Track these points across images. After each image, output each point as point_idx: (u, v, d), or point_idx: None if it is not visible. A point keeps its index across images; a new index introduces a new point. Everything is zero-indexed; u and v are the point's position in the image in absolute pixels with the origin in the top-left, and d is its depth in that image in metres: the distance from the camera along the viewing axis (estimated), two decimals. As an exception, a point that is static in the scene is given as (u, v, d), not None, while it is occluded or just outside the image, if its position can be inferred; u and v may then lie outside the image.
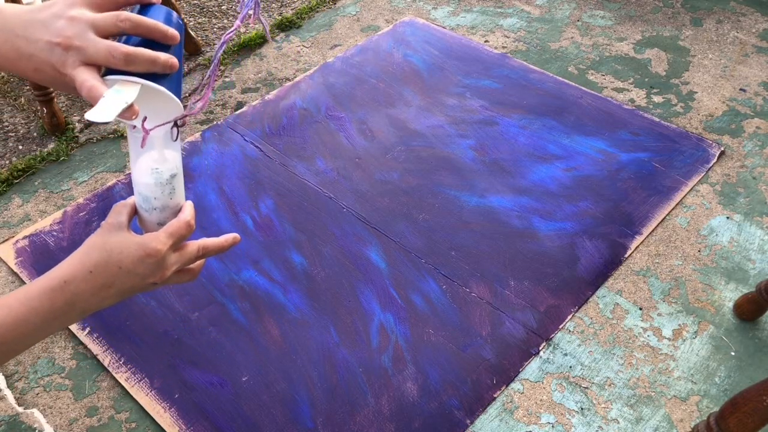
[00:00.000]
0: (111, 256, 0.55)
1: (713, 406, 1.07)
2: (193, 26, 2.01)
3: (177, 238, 0.59)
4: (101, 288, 0.55)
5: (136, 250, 0.56)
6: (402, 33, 1.92)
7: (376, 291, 1.24)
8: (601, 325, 1.19)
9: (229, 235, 0.65)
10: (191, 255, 0.61)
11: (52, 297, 0.54)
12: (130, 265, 0.56)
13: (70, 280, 0.54)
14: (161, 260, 0.57)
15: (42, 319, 0.54)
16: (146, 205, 0.61)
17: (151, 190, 0.60)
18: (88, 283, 0.55)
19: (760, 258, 1.30)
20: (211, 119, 1.67)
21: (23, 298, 0.54)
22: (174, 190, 0.61)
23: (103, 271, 0.55)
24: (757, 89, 1.69)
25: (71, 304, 0.54)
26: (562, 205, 1.40)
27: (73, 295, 0.54)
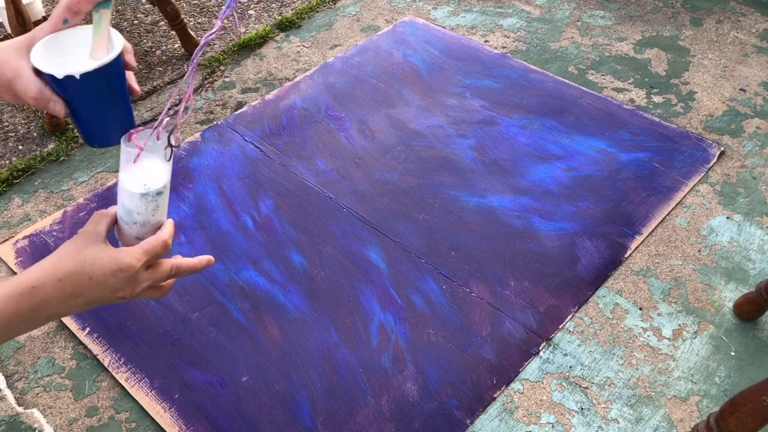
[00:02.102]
0: (84, 267, 0.55)
1: (713, 406, 1.07)
2: (193, 26, 2.01)
3: (152, 255, 0.59)
4: (69, 297, 0.55)
5: (109, 263, 0.56)
6: (402, 33, 1.92)
7: (376, 291, 1.24)
8: (601, 325, 1.19)
9: (204, 257, 0.64)
10: (163, 273, 0.61)
11: (19, 301, 0.53)
12: (101, 277, 0.55)
13: (39, 286, 0.54)
14: (133, 276, 0.57)
15: (6, 322, 0.53)
16: (127, 218, 0.61)
17: (135, 205, 0.60)
18: (56, 290, 0.54)
19: (760, 258, 1.30)
20: (211, 119, 1.67)
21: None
22: (158, 208, 0.61)
23: (73, 280, 0.55)
24: (757, 89, 1.69)
25: (37, 310, 0.54)
26: (562, 205, 1.40)
27: (40, 300, 0.54)
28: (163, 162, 0.60)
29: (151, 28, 2.03)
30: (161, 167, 0.60)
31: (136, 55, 1.92)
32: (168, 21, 1.82)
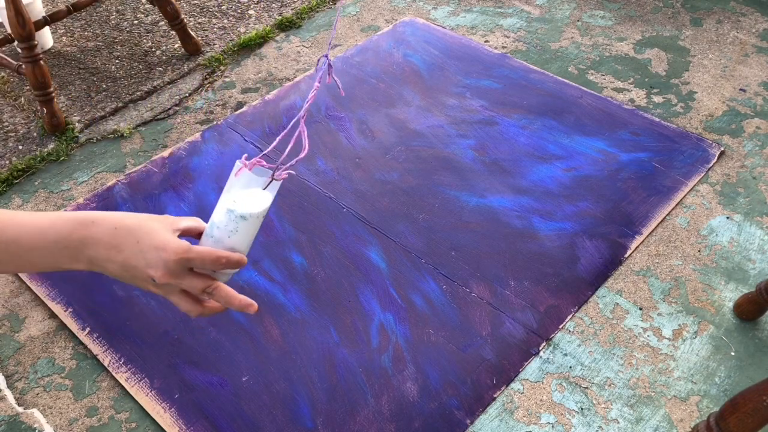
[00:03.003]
0: (139, 230, 0.58)
1: (713, 406, 1.07)
2: (193, 26, 2.01)
3: (198, 258, 0.58)
4: (113, 247, 0.57)
5: (158, 239, 0.58)
6: (402, 33, 1.92)
7: (376, 291, 1.24)
8: (601, 325, 1.19)
9: (247, 298, 0.62)
10: (198, 282, 0.59)
11: (74, 226, 0.56)
12: (146, 246, 0.57)
13: (97, 222, 0.57)
14: (171, 261, 0.57)
15: (56, 239, 0.56)
16: (209, 230, 0.62)
17: (217, 218, 0.61)
18: (107, 235, 0.57)
19: (760, 258, 1.30)
20: (211, 119, 1.67)
21: (52, 215, 0.57)
22: (236, 232, 0.61)
23: (125, 234, 0.57)
24: (757, 89, 1.69)
25: (84, 244, 0.57)
26: (562, 205, 1.40)
27: (91, 236, 0.57)
28: (263, 195, 0.61)
29: (151, 28, 2.03)
30: (259, 198, 0.61)
31: (136, 55, 1.92)
32: (168, 21, 1.82)
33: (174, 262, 0.57)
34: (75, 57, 1.92)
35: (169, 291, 0.60)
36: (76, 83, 1.81)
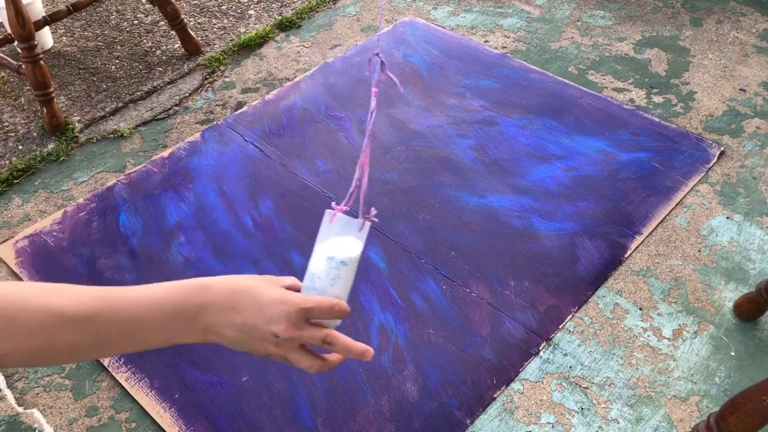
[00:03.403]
0: (253, 288, 0.57)
1: (713, 406, 1.07)
2: (193, 26, 2.01)
3: (316, 308, 0.58)
4: (231, 309, 0.55)
5: (277, 294, 0.57)
6: (402, 33, 1.92)
7: (376, 291, 1.24)
8: (601, 325, 1.19)
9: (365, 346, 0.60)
10: (318, 333, 0.58)
11: (191, 293, 0.55)
12: (265, 302, 0.56)
13: (211, 286, 0.55)
14: (293, 312, 0.56)
15: (172, 308, 0.54)
16: (308, 282, 0.61)
17: (318, 268, 0.60)
18: (224, 297, 0.55)
19: (760, 258, 1.30)
20: (211, 119, 1.67)
21: (164, 286, 0.55)
22: (338, 279, 0.61)
23: (241, 295, 0.56)
24: (757, 89, 1.69)
25: (202, 309, 0.55)
26: (562, 205, 1.40)
27: (208, 301, 0.55)
28: (357, 240, 0.62)
29: (151, 28, 2.03)
30: (353, 243, 0.61)
31: (136, 55, 1.92)
32: (168, 21, 1.82)
33: (295, 314, 0.56)
34: (75, 57, 1.92)
35: (289, 348, 0.58)
36: (76, 83, 1.81)
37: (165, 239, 1.35)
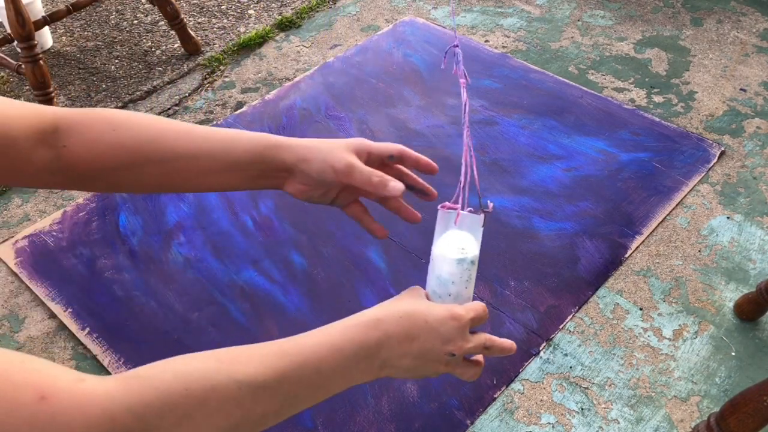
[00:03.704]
0: (419, 308, 0.56)
1: (713, 407, 1.07)
2: (192, 26, 2.01)
3: (475, 315, 0.58)
4: (406, 338, 0.55)
5: (442, 310, 0.57)
6: (402, 33, 1.92)
7: (376, 291, 1.24)
8: (601, 325, 1.19)
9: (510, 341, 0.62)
10: (480, 341, 0.59)
11: (366, 331, 0.54)
12: (435, 322, 0.56)
13: (383, 318, 0.55)
14: (463, 326, 0.57)
15: (355, 350, 0.53)
16: (441, 290, 0.60)
17: (451, 272, 0.60)
18: (398, 326, 0.55)
19: (761, 258, 1.30)
20: (211, 119, 1.67)
21: (338, 327, 0.54)
22: (470, 280, 0.60)
23: (411, 319, 0.56)
24: (757, 89, 1.69)
25: (380, 345, 0.55)
26: (562, 205, 1.40)
27: (384, 334, 0.54)
28: (474, 233, 0.61)
29: (151, 28, 2.03)
30: (472, 238, 0.61)
31: (136, 54, 1.92)
32: (168, 21, 1.82)
33: (465, 325, 0.57)
34: (75, 57, 1.91)
35: (457, 363, 0.59)
36: (76, 83, 1.81)
37: (165, 239, 1.35)
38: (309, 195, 0.66)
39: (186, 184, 0.64)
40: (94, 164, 0.62)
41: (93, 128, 0.62)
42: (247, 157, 0.63)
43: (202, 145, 0.63)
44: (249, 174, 0.64)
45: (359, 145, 0.66)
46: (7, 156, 0.59)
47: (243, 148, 0.63)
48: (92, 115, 0.62)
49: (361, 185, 0.63)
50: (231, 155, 0.63)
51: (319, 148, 0.64)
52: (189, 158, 0.62)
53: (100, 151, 0.61)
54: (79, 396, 0.42)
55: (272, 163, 0.64)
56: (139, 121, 0.63)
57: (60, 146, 0.61)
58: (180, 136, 0.62)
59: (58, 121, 0.62)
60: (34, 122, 0.60)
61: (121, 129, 0.62)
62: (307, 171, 0.64)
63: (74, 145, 0.61)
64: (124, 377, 0.45)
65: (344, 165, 0.62)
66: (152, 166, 0.62)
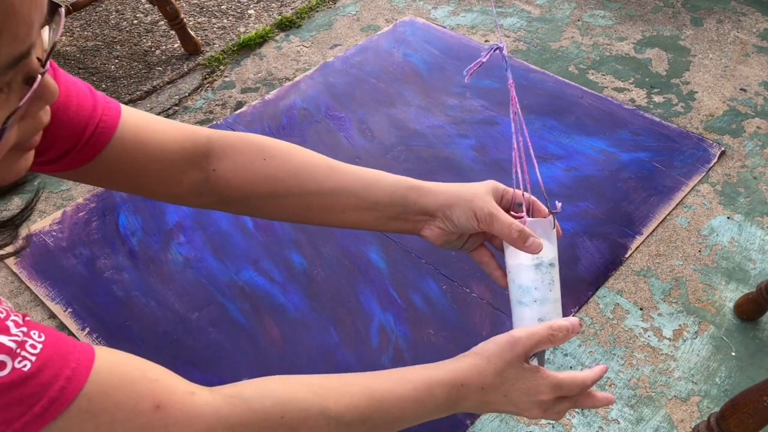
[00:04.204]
0: (503, 384, 0.58)
1: (714, 407, 1.07)
2: (192, 26, 2.01)
3: (565, 391, 0.59)
4: (482, 404, 0.59)
5: (526, 388, 0.58)
6: (402, 33, 1.92)
7: (376, 291, 1.24)
8: (601, 325, 1.19)
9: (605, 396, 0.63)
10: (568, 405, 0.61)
11: (449, 392, 0.57)
12: (515, 397, 0.58)
13: (466, 385, 0.58)
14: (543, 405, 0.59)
15: (434, 407, 0.57)
16: (525, 298, 0.61)
17: (530, 279, 0.60)
18: (476, 396, 0.58)
19: (761, 258, 1.30)
20: (211, 119, 1.67)
21: (427, 381, 0.57)
22: (553, 282, 0.60)
23: (491, 393, 0.58)
24: (757, 89, 1.69)
25: (456, 404, 0.58)
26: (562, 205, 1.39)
27: (462, 398, 0.58)
28: (547, 234, 0.61)
29: (151, 28, 2.03)
30: (545, 241, 0.61)
31: (136, 54, 1.92)
32: (168, 20, 1.82)
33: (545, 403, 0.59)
34: (74, 57, 1.91)
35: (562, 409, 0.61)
36: (76, 83, 1.81)
37: (165, 239, 1.35)
38: (446, 240, 0.68)
39: (324, 218, 0.67)
40: (240, 190, 0.64)
41: (245, 155, 0.64)
42: (387, 199, 0.66)
43: (345, 182, 0.66)
44: (387, 214, 0.66)
45: (496, 189, 0.67)
46: (160, 176, 0.63)
47: (385, 188, 0.66)
48: (245, 141, 0.65)
49: (499, 235, 0.64)
50: (372, 194, 0.65)
51: (461, 194, 0.65)
52: (330, 194, 0.66)
53: (247, 178, 0.64)
54: (189, 409, 0.47)
55: (413, 207, 0.66)
56: (290, 154, 0.66)
57: (210, 169, 0.64)
58: (324, 172, 0.66)
59: (211, 144, 0.65)
60: (188, 145, 0.63)
61: (271, 160, 0.65)
62: (450, 217, 0.65)
63: (223, 170, 0.64)
64: (229, 396, 0.50)
65: (486, 214, 0.64)
66: (295, 199, 0.65)
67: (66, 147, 0.58)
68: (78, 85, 0.59)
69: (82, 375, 0.42)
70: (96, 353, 0.45)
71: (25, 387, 0.39)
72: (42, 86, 0.41)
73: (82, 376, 0.42)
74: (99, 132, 0.59)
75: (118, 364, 0.46)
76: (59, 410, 0.40)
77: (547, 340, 0.59)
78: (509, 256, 0.62)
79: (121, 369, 0.46)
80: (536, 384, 0.58)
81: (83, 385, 0.42)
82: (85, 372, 0.43)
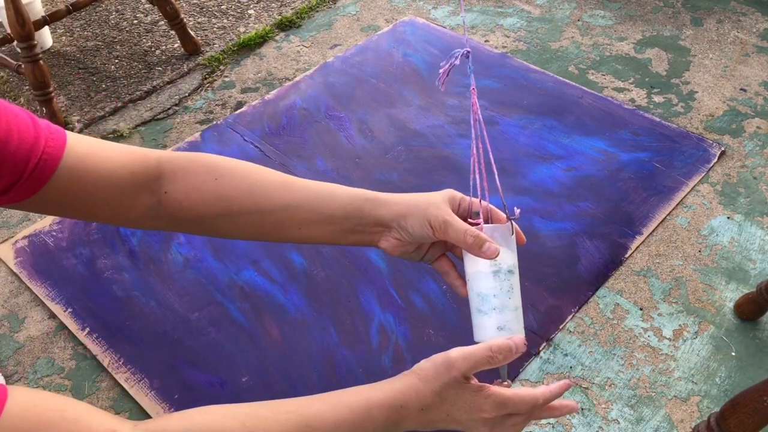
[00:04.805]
0: (443, 404, 0.58)
1: (714, 407, 1.07)
2: (192, 26, 2.01)
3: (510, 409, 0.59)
4: (425, 423, 0.59)
5: (468, 407, 0.58)
6: (402, 33, 1.92)
7: (376, 291, 1.24)
8: (601, 325, 1.19)
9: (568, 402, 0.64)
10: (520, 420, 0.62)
11: (388, 414, 0.57)
12: (458, 415, 0.58)
13: (405, 407, 0.58)
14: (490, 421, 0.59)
15: (373, 429, 0.57)
16: (484, 306, 0.60)
17: (489, 286, 0.59)
18: (417, 417, 0.58)
19: (761, 258, 1.30)
20: (211, 119, 1.67)
21: (364, 404, 0.57)
22: (512, 289, 0.60)
23: (433, 413, 0.58)
24: (757, 89, 1.69)
25: (397, 426, 0.58)
26: (562, 205, 1.40)
27: (402, 419, 0.58)
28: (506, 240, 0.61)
29: (151, 28, 2.03)
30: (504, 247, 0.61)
31: (136, 54, 1.92)
32: (167, 20, 1.82)
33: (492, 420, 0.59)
34: (74, 57, 1.91)
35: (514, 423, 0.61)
36: (76, 83, 1.81)
37: (165, 239, 1.35)
38: (403, 251, 0.68)
39: (281, 234, 0.67)
40: (194, 211, 0.64)
41: (196, 176, 0.64)
42: (343, 212, 0.65)
43: (299, 196, 0.65)
44: (343, 227, 0.66)
45: (453, 197, 0.67)
46: (111, 202, 0.62)
47: (340, 201, 0.65)
48: (197, 161, 0.65)
49: (455, 242, 0.64)
50: (327, 208, 0.65)
51: (416, 203, 0.65)
52: (285, 210, 0.65)
53: (200, 199, 0.64)
54: None
55: (369, 218, 0.65)
56: (242, 172, 0.65)
57: (162, 192, 0.64)
58: (278, 188, 0.65)
59: (161, 166, 0.64)
60: (137, 169, 0.63)
61: (223, 179, 0.64)
62: (404, 227, 0.65)
63: (175, 192, 0.64)
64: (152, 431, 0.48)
65: (441, 221, 0.63)
66: (250, 217, 0.65)
67: (10, 180, 0.57)
68: (19, 118, 0.58)
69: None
70: (9, 394, 0.43)
71: None
72: None
73: None
74: (42, 164, 0.58)
75: (34, 405, 0.44)
76: None
77: (485, 361, 0.59)
78: (468, 264, 0.62)
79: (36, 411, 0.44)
80: (478, 402, 0.58)
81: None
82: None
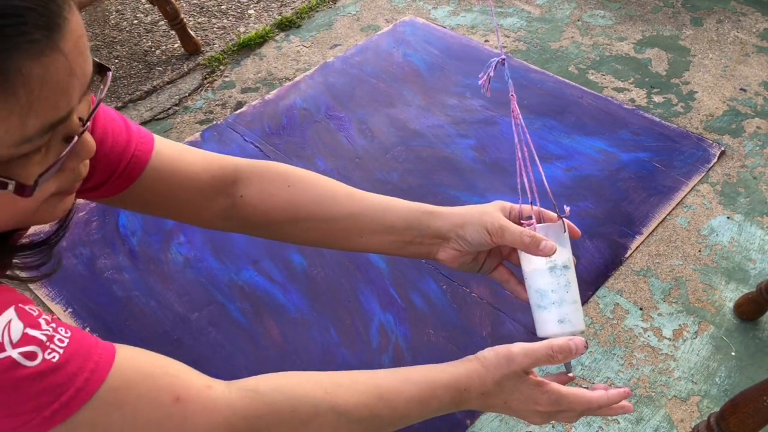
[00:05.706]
0: (502, 393, 0.60)
1: (713, 407, 1.07)
2: (192, 26, 2.01)
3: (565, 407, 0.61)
4: (484, 406, 0.62)
5: (525, 399, 0.60)
6: (402, 33, 1.92)
7: (376, 291, 1.24)
8: (601, 325, 1.19)
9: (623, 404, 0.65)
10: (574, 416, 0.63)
11: (452, 395, 0.59)
12: (515, 404, 0.61)
13: (468, 390, 0.60)
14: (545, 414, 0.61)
15: (438, 408, 0.59)
16: (543, 302, 0.62)
17: (546, 282, 0.61)
18: (477, 401, 0.61)
19: (761, 258, 1.30)
20: (211, 119, 1.67)
21: (431, 384, 0.59)
22: (569, 284, 0.62)
23: (492, 399, 0.61)
24: (757, 89, 1.69)
25: (457, 406, 0.61)
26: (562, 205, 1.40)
27: (464, 401, 0.61)
28: (559, 238, 0.63)
29: (151, 28, 2.03)
30: (562, 244, 0.63)
31: (136, 54, 1.92)
32: (168, 20, 1.82)
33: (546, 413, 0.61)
34: (75, 57, 1.91)
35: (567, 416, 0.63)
36: (76, 83, 1.81)
37: (165, 239, 1.35)
38: (462, 261, 0.72)
39: (344, 242, 0.71)
40: (266, 216, 0.69)
41: (271, 182, 0.69)
42: (403, 222, 0.69)
43: (362, 206, 0.70)
44: (403, 238, 0.70)
45: (503, 206, 0.71)
46: (190, 202, 0.68)
47: (399, 212, 0.70)
48: (271, 169, 0.70)
49: (512, 245, 0.66)
50: (388, 219, 0.69)
51: (471, 213, 0.69)
52: (350, 218, 0.69)
53: (273, 204, 0.68)
54: (207, 402, 0.50)
55: (427, 230, 0.70)
56: (312, 181, 0.71)
57: (237, 196, 0.69)
58: (344, 198, 0.70)
59: (238, 172, 0.69)
60: (217, 173, 0.68)
61: (294, 186, 0.69)
62: (462, 236, 0.69)
63: (250, 197, 0.69)
64: (244, 389, 0.54)
65: (497, 227, 0.67)
66: (317, 223, 0.69)
67: (103, 177, 0.62)
68: (115, 122, 0.63)
69: (104, 368, 0.46)
70: (117, 350, 0.50)
71: (53, 377, 0.43)
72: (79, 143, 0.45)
73: (104, 370, 0.46)
74: (132, 164, 0.63)
75: (139, 360, 0.51)
76: (84, 399, 0.44)
77: (545, 359, 0.61)
78: (524, 264, 0.64)
79: (141, 365, 0.50)
80: (534, 396, 0.60)
81: (105, 377, 0.46)
82: (106, 366, 0.47)
